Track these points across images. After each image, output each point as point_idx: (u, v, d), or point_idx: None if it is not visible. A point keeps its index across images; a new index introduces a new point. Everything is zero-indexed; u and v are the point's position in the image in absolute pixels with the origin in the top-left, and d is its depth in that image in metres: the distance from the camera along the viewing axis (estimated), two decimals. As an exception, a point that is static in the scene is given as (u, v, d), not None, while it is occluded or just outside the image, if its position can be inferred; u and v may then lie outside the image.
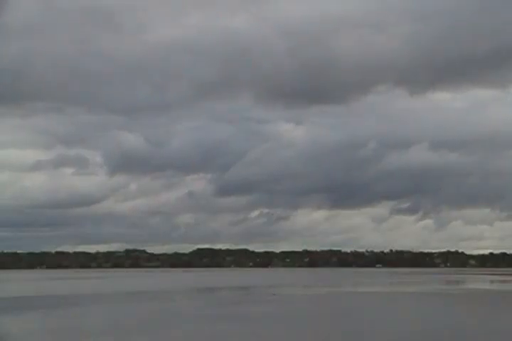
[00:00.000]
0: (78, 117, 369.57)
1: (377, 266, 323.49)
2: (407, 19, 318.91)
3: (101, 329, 39.68)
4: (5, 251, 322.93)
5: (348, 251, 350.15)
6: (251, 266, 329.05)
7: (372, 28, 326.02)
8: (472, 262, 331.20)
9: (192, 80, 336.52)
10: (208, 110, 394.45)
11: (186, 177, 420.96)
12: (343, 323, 42.88)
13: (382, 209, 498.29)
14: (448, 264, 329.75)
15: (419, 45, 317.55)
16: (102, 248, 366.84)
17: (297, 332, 37.10)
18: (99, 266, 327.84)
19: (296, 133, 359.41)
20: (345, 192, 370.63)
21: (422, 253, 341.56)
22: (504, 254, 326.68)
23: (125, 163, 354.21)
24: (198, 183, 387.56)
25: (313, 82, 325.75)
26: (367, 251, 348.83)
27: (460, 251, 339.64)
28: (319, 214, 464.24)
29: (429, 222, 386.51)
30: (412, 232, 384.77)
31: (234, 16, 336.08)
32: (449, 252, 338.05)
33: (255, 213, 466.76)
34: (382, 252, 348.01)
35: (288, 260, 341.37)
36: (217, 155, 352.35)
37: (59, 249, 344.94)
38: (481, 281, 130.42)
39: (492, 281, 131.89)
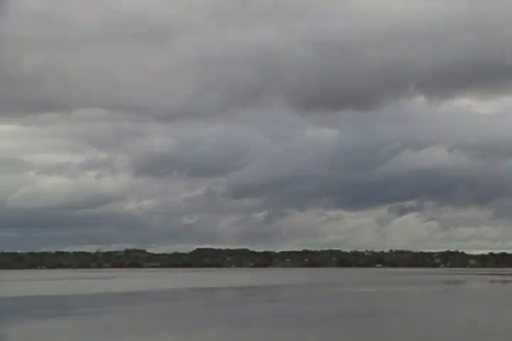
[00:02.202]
0: (118, 123, 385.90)
1: (377, 266, 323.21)
2: (431, 27, 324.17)
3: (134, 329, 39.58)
4: (5, 251, 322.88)
5: (348, 251, 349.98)
6: (251, 266, 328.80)
7: (398, 37, 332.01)
8: (472, 262, 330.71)
9: (226, 88, 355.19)
10: (239, 116, 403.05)
11: (199, 179, 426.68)
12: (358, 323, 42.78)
13: (382, 209, 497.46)
14: (448, 264, 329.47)
15: (445, 52, 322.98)
16: (102, 248, 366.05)
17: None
18: (99, 266, 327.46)
19: (318, 137, 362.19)
20: (350, 194, 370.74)
21: (422, 253, 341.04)
22: (504, 254, 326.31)
23: (147, 167, 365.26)
24: (207, 186, 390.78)
25: (340, 89, 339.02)
26: (367, 251, 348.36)
27: (460, 251, 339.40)
28: (320, 215, 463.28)
29: (429, 222, 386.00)
30: (412, 232, 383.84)
31: (267, 29, 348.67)
32: (449, 252, 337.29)
33: (256, 214, 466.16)
34: (382, 252, 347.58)
35: (288, 260, 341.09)
36: (237, 158, 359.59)
37: (59, 249, 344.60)
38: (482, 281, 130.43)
39: (493, 281, 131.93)
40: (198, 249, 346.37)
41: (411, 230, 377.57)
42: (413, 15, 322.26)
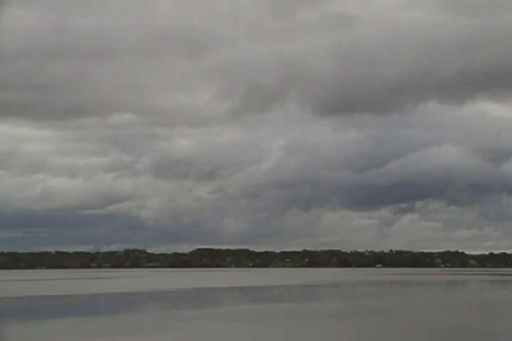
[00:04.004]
0: (147, 127, 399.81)
1: (377, 266, 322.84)
2: (449, 37, 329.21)
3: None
4: (5, 251, 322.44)
5: (348, 251, 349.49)
6: (251, 266, 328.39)
7: (416, 45, 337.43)
8: (472, 262, 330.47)
9: (247, 94, 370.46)
10: (257, 121, 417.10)
11: (206, 181, 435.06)
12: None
13: (383, 210, 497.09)
14: (448, 264, 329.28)
15: (462, 58, 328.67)
16: (102, 248, 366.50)
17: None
18: (99, 266, 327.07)
19: (331, 140, 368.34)
20: (353, 195, 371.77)
21: (422, 253, 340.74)
22: (504, 254, 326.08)
23: (161, 170, 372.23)
24: (212, 187, 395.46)
25: (356, 94, 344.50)
26: (367, 251, 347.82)
27: (460, 251, 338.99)
28: (320, 215, 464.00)
29: (430, 222, 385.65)
30: (412, 232, 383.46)
31: (291, 39, 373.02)
32: (449, 252, 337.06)
33: (257, 214, 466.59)
34: (382, 252, 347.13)
35: (288, 260, 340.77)
36: (247, 161, 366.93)
37: (59, 249, 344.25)
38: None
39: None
40: (198, 249, 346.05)
41: (411, 230, 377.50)
42: (430, 24, 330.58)
